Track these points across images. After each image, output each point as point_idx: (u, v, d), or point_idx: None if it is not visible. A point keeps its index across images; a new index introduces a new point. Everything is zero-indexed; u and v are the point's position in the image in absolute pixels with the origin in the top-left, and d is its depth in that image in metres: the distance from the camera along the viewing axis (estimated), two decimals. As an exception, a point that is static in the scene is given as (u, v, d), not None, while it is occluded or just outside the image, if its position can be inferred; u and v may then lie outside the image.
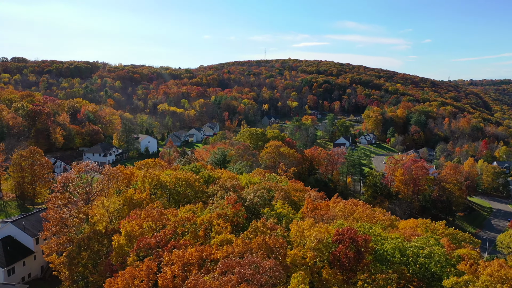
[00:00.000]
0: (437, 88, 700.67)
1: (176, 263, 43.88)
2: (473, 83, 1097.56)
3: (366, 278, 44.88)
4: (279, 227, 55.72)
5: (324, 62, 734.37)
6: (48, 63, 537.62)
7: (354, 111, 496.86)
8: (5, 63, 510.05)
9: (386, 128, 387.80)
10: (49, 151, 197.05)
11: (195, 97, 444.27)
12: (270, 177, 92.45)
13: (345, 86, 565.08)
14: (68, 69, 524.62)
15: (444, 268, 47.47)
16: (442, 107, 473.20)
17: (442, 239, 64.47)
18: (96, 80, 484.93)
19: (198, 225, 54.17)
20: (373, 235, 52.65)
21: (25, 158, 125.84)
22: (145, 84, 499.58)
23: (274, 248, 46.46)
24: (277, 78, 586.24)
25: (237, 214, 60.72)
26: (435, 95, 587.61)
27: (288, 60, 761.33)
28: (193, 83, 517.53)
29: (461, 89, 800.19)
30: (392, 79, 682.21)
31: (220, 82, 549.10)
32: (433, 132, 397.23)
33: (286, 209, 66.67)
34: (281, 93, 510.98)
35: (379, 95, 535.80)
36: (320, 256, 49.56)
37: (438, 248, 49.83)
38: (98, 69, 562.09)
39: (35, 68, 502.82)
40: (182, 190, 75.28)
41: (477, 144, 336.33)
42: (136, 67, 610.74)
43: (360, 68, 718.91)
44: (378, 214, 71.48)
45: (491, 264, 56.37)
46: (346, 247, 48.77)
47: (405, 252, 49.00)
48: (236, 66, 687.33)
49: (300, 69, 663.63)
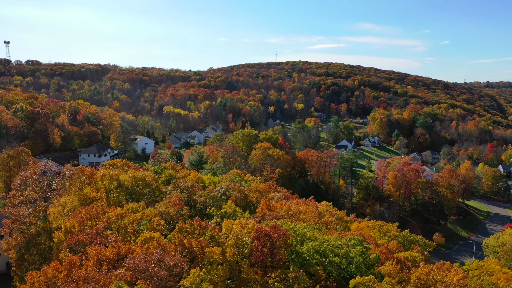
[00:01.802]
0: (449, 90, 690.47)
1: (91, 259, 45.71)
2: (489, 85, 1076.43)
3: (276, 276, 45.88)
4: (212, 226, 57.04)
5: (334, 64, 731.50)
6: (61, 66, 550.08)
7: (362, 114, 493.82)
8: (19, 66, 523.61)
9: (391, 131, 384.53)
10: (47, 152, 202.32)
11: (202, 99, 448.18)
12: (233, 178, 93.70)
13: (354, 88, 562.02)
14: (79, 71, 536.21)
15: (359, 268, 48.02)
16: (451, 109, 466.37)
17: (382, 240, 64.89)
18: (105, 82, 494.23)
19: (130, 222, 55.96)
20: (297, 234, 53.50)
21: (12, 158, 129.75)
22: (154, 86, 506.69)
23: (189, 248, 47.83)
24: (285, 80, 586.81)
25: (179, 212, 62.33)
26: (446, 97, 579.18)
27: (298, 62, 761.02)
28: (201, 85, 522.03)
29: (475, 91, 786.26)
30: (403, 81, 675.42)
31: (228, 84, 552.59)
32: (439, 135, 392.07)
33: (233, 209, 67.90)
34: (288, 95, 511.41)
35: (388, 97, 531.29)
36: (240, 253, 50.78)
37: (359, 249, 50.35)
38: (109, 71, 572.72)
39: (47, 71, 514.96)
40: (140, 189, 77.33)
41: (483, 147, 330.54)
42: (147, 69, 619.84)
43: (371, 70, 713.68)
44: (327, 214, 71.99)
45: (421, 268, 56.81)
46: (261, 244, 49.91)
47: (323, 252, 49.73)
48: (245, 69, 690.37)
49: (310, 71, 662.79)
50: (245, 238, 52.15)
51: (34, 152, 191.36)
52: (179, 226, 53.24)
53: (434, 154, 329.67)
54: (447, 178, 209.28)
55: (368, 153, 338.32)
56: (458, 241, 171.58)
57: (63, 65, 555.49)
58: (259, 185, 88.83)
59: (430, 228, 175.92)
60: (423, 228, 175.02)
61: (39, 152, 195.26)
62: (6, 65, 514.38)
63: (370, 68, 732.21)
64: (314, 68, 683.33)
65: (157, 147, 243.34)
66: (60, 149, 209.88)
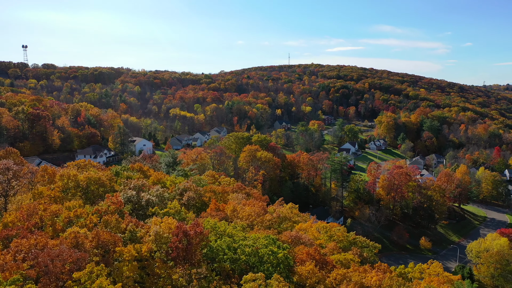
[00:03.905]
0: (465, 93, 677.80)
1: (10, 252, 48.62)
2: (509, 87, 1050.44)
3: (181, 271, 47.83)
4: (142, 224, 59.37)
5: (347, 67, 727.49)
6: (75, 69, 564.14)
7: (371, 117, 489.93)
8: (35, 69, 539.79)
9: (398, 134, 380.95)
10: (46, 152, 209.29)
11: (210, 101, 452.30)
12: (195, 179, 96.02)
13: (364, 91, 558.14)
14: (93, 75, 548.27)
15: (264, 264, 49.49)
16: (461, 112, 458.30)
17: (319, 241, 66.07)
18: (117, 85, 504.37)
19: (63, 219, 58.86)
20: (217, 232, 55.35)
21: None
22: (164, 89, 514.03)
23: (103, 242, 50.27)
24: (295, 83, 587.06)
25: (117, 210, 64.89)
26: (459, 100, 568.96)
27: (310, 65, 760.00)
28: (211, 88, 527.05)
29: (492, 94, 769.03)
30: (417, 84, 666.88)
31: (238, 87, 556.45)
32: (448, 139, 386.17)
33: (176, 208, 70.15)
34: (296, 98, 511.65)
35: (398, 100, 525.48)
36: (159, 249, 52.95)
37: (270, 248, 51.80)
38: (121, 74, 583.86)
39: (62, 74, 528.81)
40: (96, 189, 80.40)
41: (489, 151, 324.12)
42: (159, 72, 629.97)
43: (384, 73, 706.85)
44: (268, 215, 73.44)
45: (337, 269, 58.01)
46: (178, 240, 51.99)
47: (233, 249, 51.43)
48: (256, 72, 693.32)
49: (321, 74, 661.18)
50: (165, 234, 54.35)
51: (33, 153, 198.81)
52: (104, 220, 55.79)
53: (439, 158, 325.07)
54: (443, 182, 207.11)
55: (372, 156, 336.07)
56: (447, 245, 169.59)
57: (77, 68, 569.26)
58: (215, 186, 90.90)
59: (420, 232, 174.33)
60: (412, 232, 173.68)
61: (38, 152, 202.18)
62: (22, 69, 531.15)
63: (383, 71, 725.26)
64: (325, 71, 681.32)
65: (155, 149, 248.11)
66: (60, 150, 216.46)
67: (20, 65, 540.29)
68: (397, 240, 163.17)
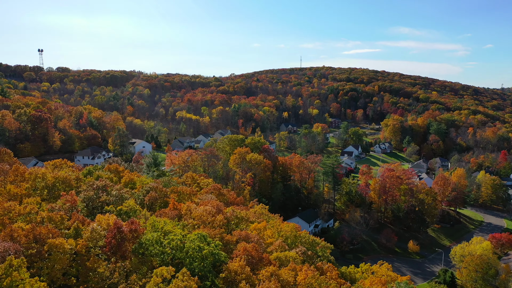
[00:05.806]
0: (479, 96, 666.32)
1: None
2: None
3: (105, 265, 50.55)
4: (88, 221, 62.38)
5: (358, 69, 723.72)
6: (88, 72, 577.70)
7: (379, 120, 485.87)
8: (50, 73, 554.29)
9: (404, 137, 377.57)
10: (47, 154, 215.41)
11: (218, 104, 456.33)
12: (163, 180, 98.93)
13: (373, 93, 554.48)
14: (105, 78, 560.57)
15: (187, 258, 51.82)
16: (471, 115, 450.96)
17: (270, 239, 67.91)
18: (128, 88, 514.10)
19: (14, 215, 62.30)
20: (156, 229, 58.00)
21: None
22: (174, 92, 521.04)
23: (40, 237, 53.33)
24: (304, 86, 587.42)
25: (71, 209, 68.13)
26: (471, 103, 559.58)
27: (321, 67, 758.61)
28: (219, 91, 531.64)
29: (509, 97, 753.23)
30: (429, 87, 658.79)
31: (247, 90, 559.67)
32: (455, 142, 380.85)
33: (130, 207, 72.97)
34: (304, 101, 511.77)
35: (407, 103, 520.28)
36: (94, 246, 55.76)
37: (198, 244, 54.01)
38: (133, 77, 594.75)
39: (75, 77, 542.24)
40: (62, 188, 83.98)
41: (495, 155, 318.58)
42: (170, 75, 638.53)
43: (395, 76, 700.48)
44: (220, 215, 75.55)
45: (271, 267, 59.77)
46: (112, 236, 54.71)
47: (162, 244, 53.95)
48: (266, 74, 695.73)
49: (331, 77, 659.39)
50: (102, 232, 57.13)
51: (33, 154, 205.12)
52: (47, 216, 58.90)
53: (443, 161, 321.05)
54: (439, 186, 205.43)
55: (376, 159, 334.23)
56: (438, 249, 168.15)
57: (90, 71, 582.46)
58: (184, 187, 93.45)
59: (410, 235, 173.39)
60: (402, 235, 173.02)
61: (38, 153, 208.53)
62: (37, 72, 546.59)
63: (395, 74, 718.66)
64: (336, 74, 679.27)
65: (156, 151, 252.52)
66: (61, 151, 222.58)
67: (35, 69, 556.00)
68: (386, 243, 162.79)
